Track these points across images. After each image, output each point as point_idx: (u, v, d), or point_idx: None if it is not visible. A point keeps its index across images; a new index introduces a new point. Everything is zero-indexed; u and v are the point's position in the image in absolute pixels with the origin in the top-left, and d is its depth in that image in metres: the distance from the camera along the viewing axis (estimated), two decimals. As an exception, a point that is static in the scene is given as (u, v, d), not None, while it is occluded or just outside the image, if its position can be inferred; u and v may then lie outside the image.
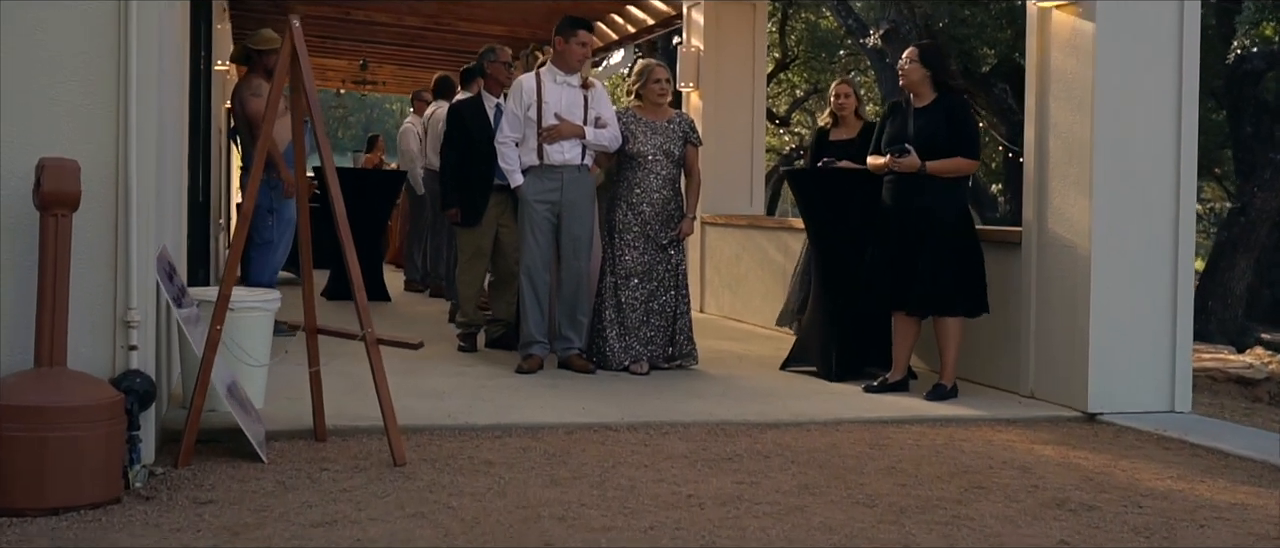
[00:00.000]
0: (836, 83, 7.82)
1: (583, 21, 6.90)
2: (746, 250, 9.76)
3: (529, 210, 6.74)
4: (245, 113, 7.88)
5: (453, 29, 14.83)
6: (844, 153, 7.50)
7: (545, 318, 6.88)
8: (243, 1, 14.68)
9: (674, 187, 6.99)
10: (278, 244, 8.00)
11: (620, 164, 7.00)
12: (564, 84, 6.78)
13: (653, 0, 12.00)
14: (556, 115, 6.71)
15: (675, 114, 7.07)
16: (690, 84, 10.57)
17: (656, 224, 6.91)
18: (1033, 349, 6.41)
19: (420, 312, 9.92)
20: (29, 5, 4.18)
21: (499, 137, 6.83)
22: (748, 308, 9.73)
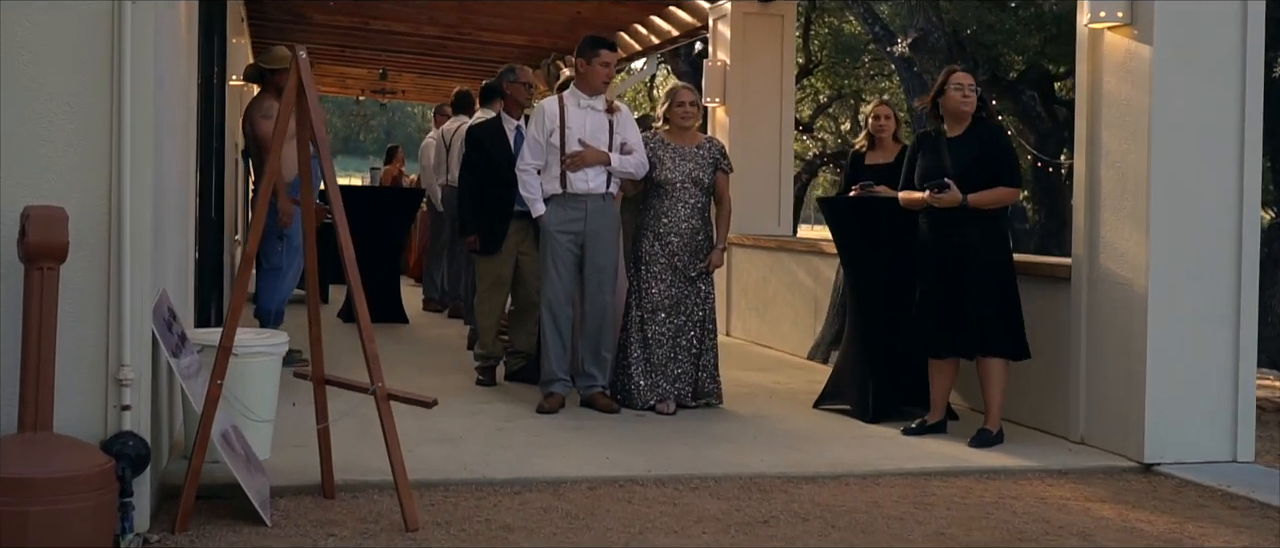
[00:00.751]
0: (875, 103, 7.47)
1: (605, 41, 6.57)
2: (774, 273, 9.41)
3: (551, 241, 6.42)
4: (255, 134, 7.58)
5: (473, 38, 14.54)
6: (882, 178, 7.15)
7: (567, 354, 6.56)
8: (262, 13, 14.42)
9: (703, 215, 6.66)
10: (287, 270, 7.71)
11: (646, 191, 6.68)
12: (588, 108, 6.45)
13: (677, 11, 11.67)
14: (580, 141, 6.38)
15: (705, 139, 6.74)
16: (716, 99, 10.23)
17: (685, 255, 6.58)
18: (1083, 392, 6.05)
19: (438, 336, 9.60)
20: (16, 42, 3.88)
21: (520, 163, 6.51)
22: (775, 334, 9.39)
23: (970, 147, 5.95)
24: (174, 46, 5.06)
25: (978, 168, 5.90)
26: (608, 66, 6.40)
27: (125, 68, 3.89)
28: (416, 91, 21.34)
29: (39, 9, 3.89)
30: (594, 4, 12.11)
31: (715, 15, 10.38)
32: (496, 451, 5.52)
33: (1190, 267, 5.69)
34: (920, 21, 15.93)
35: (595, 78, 6.40)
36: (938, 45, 15.90)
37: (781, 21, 10.18)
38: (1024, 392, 6.35)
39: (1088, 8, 5.87)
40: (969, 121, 6.01)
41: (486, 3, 12.39)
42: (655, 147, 6.59)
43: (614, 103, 6.53)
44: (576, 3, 12.08)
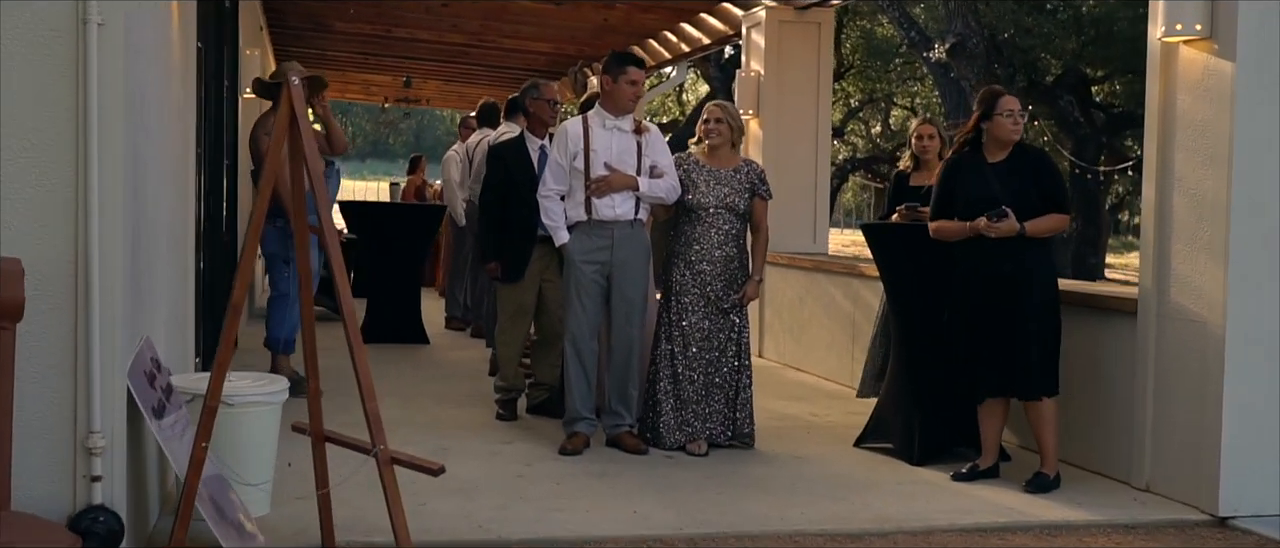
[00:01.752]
0: (919, 123, 6.96)
1: (633, 57, 6.10)
2: (810, 295, 8.92)
3: (575, 272, 5.95)
4: (260, 153, 7.15)
5: (497, 46, 14.12)
6: (927, 200, 6.66)
7: (592, 391, 6.09)
8: (282, 21, 14.04)
9: (738, 243, 6.18)
10: (295, 299, 7.26)
11: (678, 217, 6.20)
12: (614, 129, 5.98)
13: (709, 19, 11.19)
14: (606, 164, 5.91)
15: (742, 162, 6.25)
16: (749, 110, 9.73)
17: (718, 285, 6.10)
18: (1149, 436, 5.53)
19: (459, 360, 9.15)
20: (-30, 68, 3.45)
21: (542, 189, 6.04)
22: (810, 357, 8.89)
23: (1018, 172, 5.48)
24: (161, 65, 4.62)
25: (1029, 195, 5.42)
26: (636, 85, 5.93)
27: (91, 98, 3.44)
28: (442, 99, 20.95)
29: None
30: (622, 11, 11.65)
31: (749, 23, 9.88)
32: (514, 503, 5.06)
33: (1272, 303, 5.17)
34: (958, 26, 15.40)
35: (622, 97, 5.93)
36: (976, 51, 15.37)
37: (818, 30, 9.68)
38: (1082, 432, 5.85)
39: (1162, 19, 5.34)
40: (1011, 146, 5.54)
41: (511, 10, 11.94)
42: (688, 168, 6.12)
43: (642, 123, 6.06)
44: (604, 10, 11.62)
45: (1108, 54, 21.78)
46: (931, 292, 5.99)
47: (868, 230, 6.36)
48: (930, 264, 5.99)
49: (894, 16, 16.96)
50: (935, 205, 5.70)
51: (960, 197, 5.57)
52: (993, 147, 5.56)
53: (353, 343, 3.94)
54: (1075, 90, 22.46)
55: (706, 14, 11.16)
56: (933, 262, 5.97)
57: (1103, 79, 23.88)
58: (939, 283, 5.94)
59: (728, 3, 10.60)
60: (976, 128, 5.60)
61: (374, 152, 58.19)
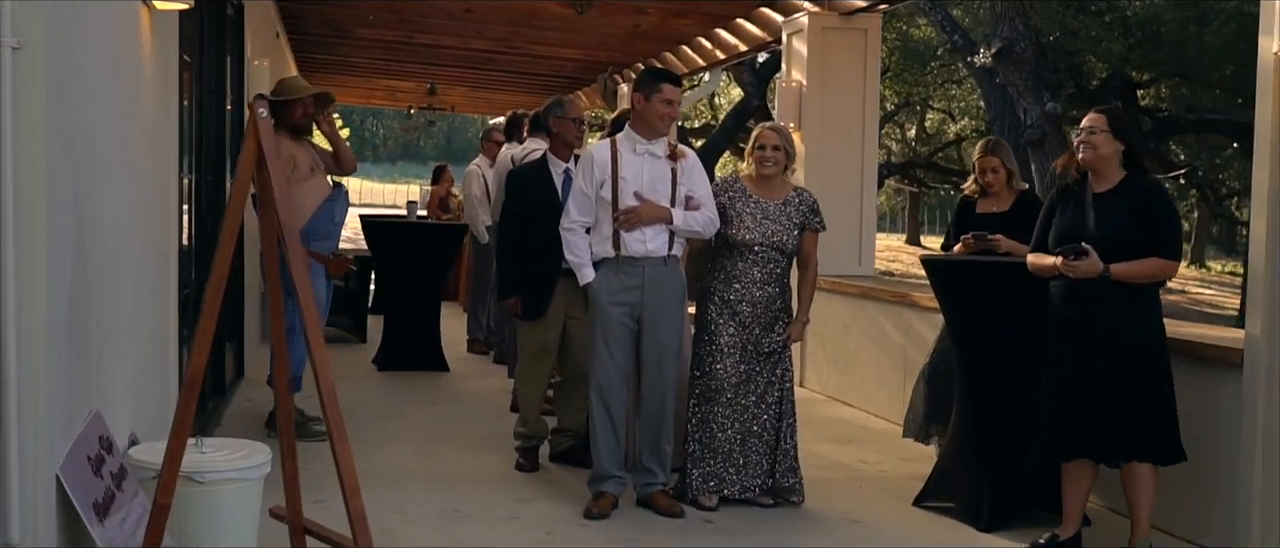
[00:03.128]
0: (981, 155, 6.19)
1: (668, 74, 5.40)
2: (857, 323, 8.19)
3: (602, 314, 5.26)
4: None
5: (524, 52, 13.46)
6: (995, 229, 5.95)
7: (621, 446, 5.40)
8: (302, 28, 13.43)
9: (782, 281, 5.48)
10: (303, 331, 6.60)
11: (715, 248, 5.50)
12: (646, 154, 5.28)
13: (746, 25, 10.47)
14: (636, 194, 5.22)
15: (793, 192, 5.53)
16: (790, 123, 9.01)
17: (759, 327, 5.39)
18: (1257, 501, 4.78)
19: (479, 391, 8.47)
20: None
21: (565, 221, 5.34)
22: (857, 390, 8.16)
23: (1120, 206, 4.74)
24: (122, 87, 3.97)
25: (1128, 233, 4.69)
26: (671, 106, 5.23)
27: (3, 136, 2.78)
28: (469, 105, 20.34)
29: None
30: (654, 16, 10.95)
31: (789, 29, 9.16)
32: (532, 587, 4.38)
33: None
34: (1005, 29, 14.59)
35: (655, 118, 5.23)
36: (1024, 55, 14.56)
37: (865, 37, 8.94)
38: (1175, 494, 5.12)
39: (1277, 30, 4.59)
40: (1122, 174, 4.80)
41: (538, 16, 11.27)
42: (733, 197, 5.42)
43: (677, 147, 5.36)
44: (635, 15, 10.93)
45: (1155, 57, 20.92)
46: (1003, 333, 5.28)
47: (930, 266, 5.62)
48: (1001, 302, 5.28)
49: (936, 19, 16.17)
50: (1035, 235, 5.01)
51: (1056, 229, 4.85)
52: (1098, 174, 4.83)
53: (333, 431, 3.24)
54: (1120, 95, 21.59)
55: (744, 20, 10.45)
56: (1004, 299, 5.27)
57: (1149, 83, 22.98)
58: (1012, 323, 5.23)
59: (767, 8, 9.89)
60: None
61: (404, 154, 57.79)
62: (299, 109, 6.66)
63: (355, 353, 9.92)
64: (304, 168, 6.60)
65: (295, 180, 6.52)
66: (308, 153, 6.70)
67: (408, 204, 9.47)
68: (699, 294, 5.50)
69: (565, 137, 6.12)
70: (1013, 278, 5.12)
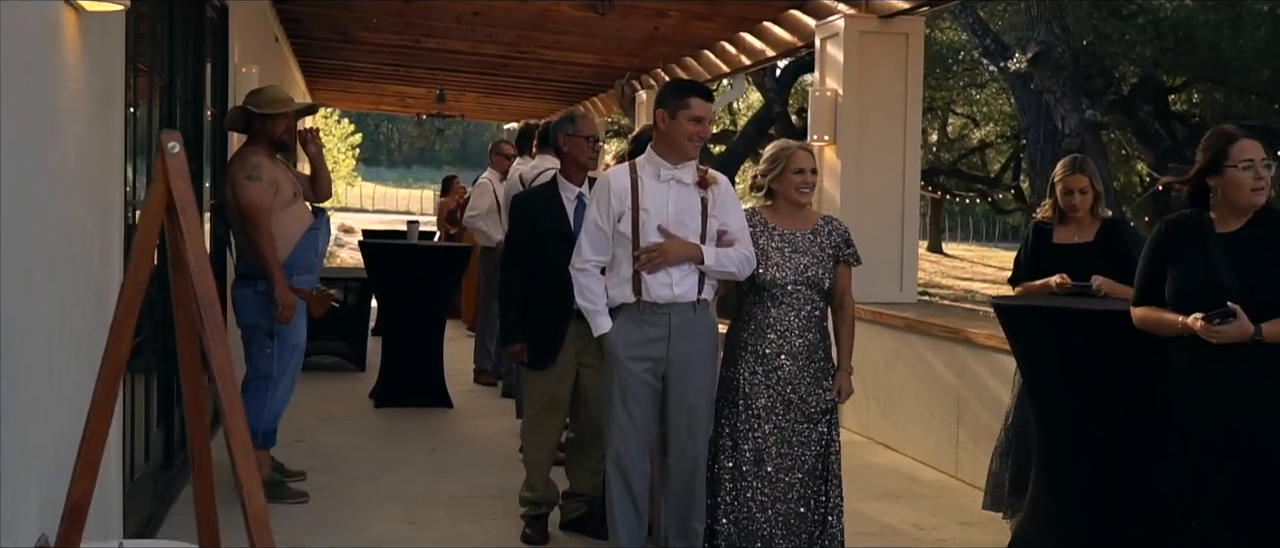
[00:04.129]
0: (1067, 172, 5.31)
1: (696, 86, 4.52)
2: (902, 359, 7.32)
3: (620, 371, 4.40)
4: (239, 203, 5.66)
5: (536, 57, 12.63)
6: (1078, 263, 5.10)
7: (642, 523, 4.54)
8: (303, 32, 12.63)
9: (821, 326, 4.60)
10: (279, 379, 5.78)
11: (743, 296, 4.63)
12: (672, 180, 4.41)
13: (773, 29, 9.62)
14: (660, 229, 4.36)
15: (821, 220, 4.66)
16: (824, 136, 8.16)
17: (801, 385, 4.51)
18: None
19: (485, 434, 7.62)
20: None
21: (576, 260, 4.49)
22: (902, 433, 7.29)
23: (1258, 248, 3.84)
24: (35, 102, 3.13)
25: (1274, 280, 3.79)
26: (701, 124, 4.36)
27: None
28: (481, 111, 19.54)
29: None
30: (675, 19, 10.11)
31: (823, 33, 8.30)
32: None
33: None
34: (1041, 33, 13.72)
35: (682, 139, 4.37)
36: (1062, 60, 13.68)
37: (906, 42, 8.08)
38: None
39: None
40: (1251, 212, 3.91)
41: (551, 19, 10.44)
42: (755, 231, 4.55)
43: (708, 172, 4.49)
44: (655, 18, 10.09)
45: (1189, 61, 20.00)
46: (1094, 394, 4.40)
47: (1005, 313, 4.73)
48: (1093, 356, 4.41)
49: (966, 22, 15.29)
50: (1140, 285, 4.06)
51: (1175, 277, 3.95)
52: (1224, 212, 3.94)
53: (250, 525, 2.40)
54: (1153, 100, 20.68)
55: (772, 23, 9.59)
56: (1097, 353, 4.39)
57: (1180, 88, 22.05)
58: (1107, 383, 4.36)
59: (798, 10, 9.04)
60: (1200, 183, 3.98)
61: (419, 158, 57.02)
62: (282, 124, 5.83)
63: (351, 384, 9.09)
64: (287, 192, 5.78)
65: (278, 206, 5.70)
66: (289, 175, 5.87)
67: (408, 224, 8.62)
68: (726, 351, 4.63)
69: (577, 157, 5.26)
70: (1111, 328, 4.26)
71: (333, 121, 26.84)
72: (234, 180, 5.68)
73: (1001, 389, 6.25)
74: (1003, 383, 6.25)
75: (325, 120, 26.66)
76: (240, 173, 5.66)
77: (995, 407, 6.30)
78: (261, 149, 5.78)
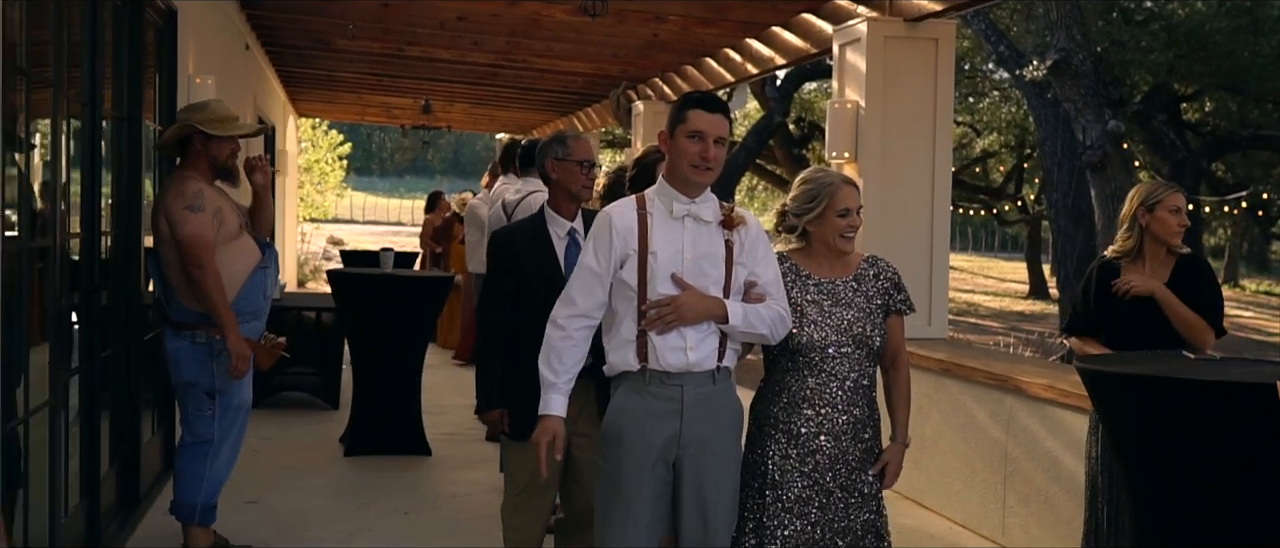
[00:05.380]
0: (1165, 190, 4.49)
1: (699, 96, 3.60)
2: (938, 406, 6.45)
3: (621, 456, 3.51)
4: (177, 238, 4.77)
5: (527, 66, 11.75)
6: (1152, 311, 4.27)
7: (650, 641, 3.65)
8: (277, 39, 11.75)
9: (870, 397, 3.72)
10: (220, 444, 4.90)
11: (772, 359, 3.74)
12: (687, 218, 3.53)
13: (784, 34, 8.75)
14: (674, 278, 3.48)
15: (865, 261, 3.78)
16: (844, 153, 7.29)
17: (844, 470, 3.63)
18: None
19: (467, 489, 6.73)
20: None
21: (560, 311, 3.56)
22: (938, 491, 6.41)
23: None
24: None
25: None
26: (701, 140, 3.45)
27: None
28: (470, 122, 18.63)
29: None
30: (675, 24, 9.23)
31: (842, 39, 7.42)
32: None
33: None
34: (1061, 39, 12.85)
35: (681, 162, 3.47)
36: (1082, 68, 12.81)
37: (936, 48, 7.21)
38: None
39: None
40: None
41: (542, 25, 9.57)
42: (785, 281, 3.66)
43: (735, 211, 3.60)
44: (653, 23, 9.21)
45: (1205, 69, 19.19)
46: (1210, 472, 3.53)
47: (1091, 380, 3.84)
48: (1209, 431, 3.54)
49: (979, 28, 14.43)
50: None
51: None
52: None
53: None
54: (1167, 109, 19.87)
55: (782, 28, 8.72)
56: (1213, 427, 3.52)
57: (1192, 97, 21.23)
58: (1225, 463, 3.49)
59: (811, 14, 8.17)
60: None
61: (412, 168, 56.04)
62: (227, 147, 4.95)
63: (321, 426, 8.19)
64: (232, 224, 4.89)
65: (222, 240, 4.82)
66: (233, 205, 4.99)
67: (381, 252, 7.71)
68: (752, 428, 3.74)
69: (568, 186, 4.35)
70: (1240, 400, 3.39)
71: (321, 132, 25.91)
72: (171, 212, 4.79)
73: (1060, 449, 5.38)
74: (1061, 442, 5.39)
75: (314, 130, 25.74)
76: (178, 203, 4.77)
77: (1052, 469, 5.44)
78: (201, 174, 4.90)
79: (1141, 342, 4.35)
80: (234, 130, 4.90)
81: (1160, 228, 4.46)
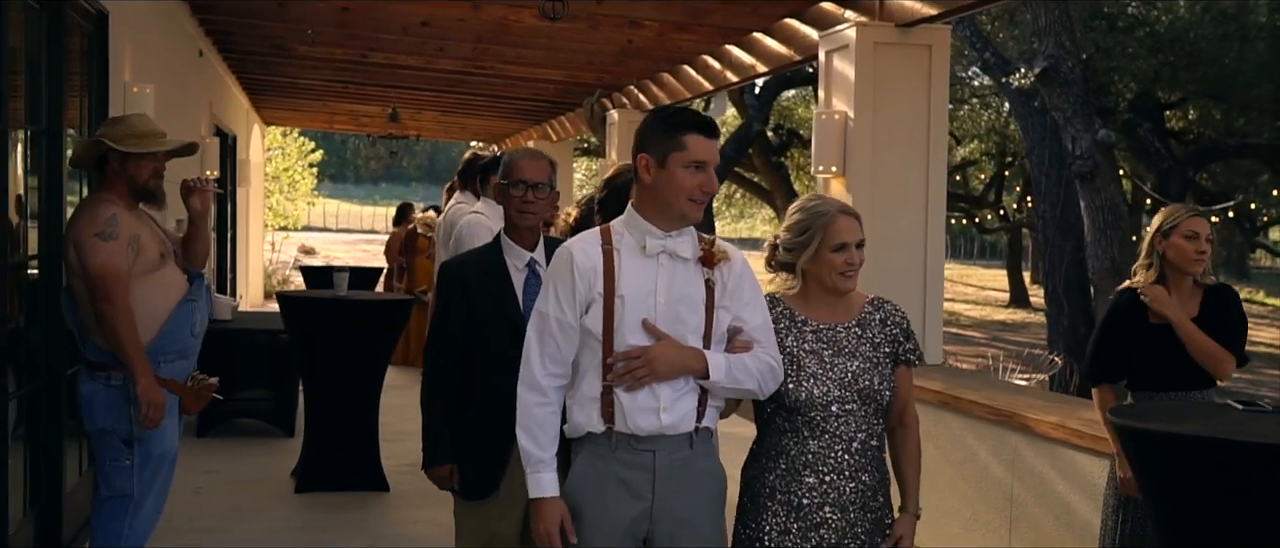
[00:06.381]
0: (1186, 214, 4.02)
1: (692, 117, 3.04)
2: (934, 440, 5.93)
3: (583, 530, 2.97)
4: (87, 269, 4.22)
5: (497, 73, 11.23)
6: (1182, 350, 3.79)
7: None
8: (235, 45, 11.20)
9: (879, 461, 3.18)
10: (142, 499, 4.35)
11: (765, 418, 3.20)
12: (662, 254, 2.99)
13: (766, 41, 8.26)
14: (646, 325, 2.94)
15: (869, 304, 3.24)
16: (831, 167, 6.80)
17: (853, 543, 3.09)
18: None
19: (423, 528, 6.20)
20: None
21: (525, 375, 3.02)
22: (935, 530, 5.89)
23: None
24: None
25: None
26: (704, 171, 2.96)
27: None
28: (441, 130, 18.10)
29: None
30: (651, 30, 8.74)
31: (829, 46, 6.92)
32: None
33: None
34: (1050, 47, 12.41)
35: (677, 195, 2.95)
36: (1072, 76, 12.38)
37: (929, 55, 6.72)
38: None
39: None
40: None
41: (511, 31, 9.06)
42: (779, 328, 3.13)
43: (717, 245, 3.05)
44: (629, 29, 8.71)
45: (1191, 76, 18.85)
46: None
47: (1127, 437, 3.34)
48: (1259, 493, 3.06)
49: (965, 36, 13.99)
50: None
51: None
52: None
53: None
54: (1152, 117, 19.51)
55: (764, 34, 8.23)
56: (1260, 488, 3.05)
57: (1176, 104, 20.89)
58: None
59: (795, 19, 7.68)
60: None
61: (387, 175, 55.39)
62: (148, 167, 4.40)
63: (273, 457, 7.63)
64: (152, 254, 4.34)
65: (139, 272, 4.27)
66: (154, 232, 4.44)
67: (335, 274, 7.13)
68: (744, 497, 3.20)
69: (507, 210, 3.80)
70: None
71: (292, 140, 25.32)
72: (79, 240, 4.23)
73: (1073, 493, 4.90)
74: (1073, 485, 4.90)
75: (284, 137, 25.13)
76: (88, 230, 4.22)
77: (1064, 516, 4.95)
78: (118, 198, 4.34)
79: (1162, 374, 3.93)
80: (154, 147, 4.35)
81: (1176, 255, 4.00)
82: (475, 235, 5.14)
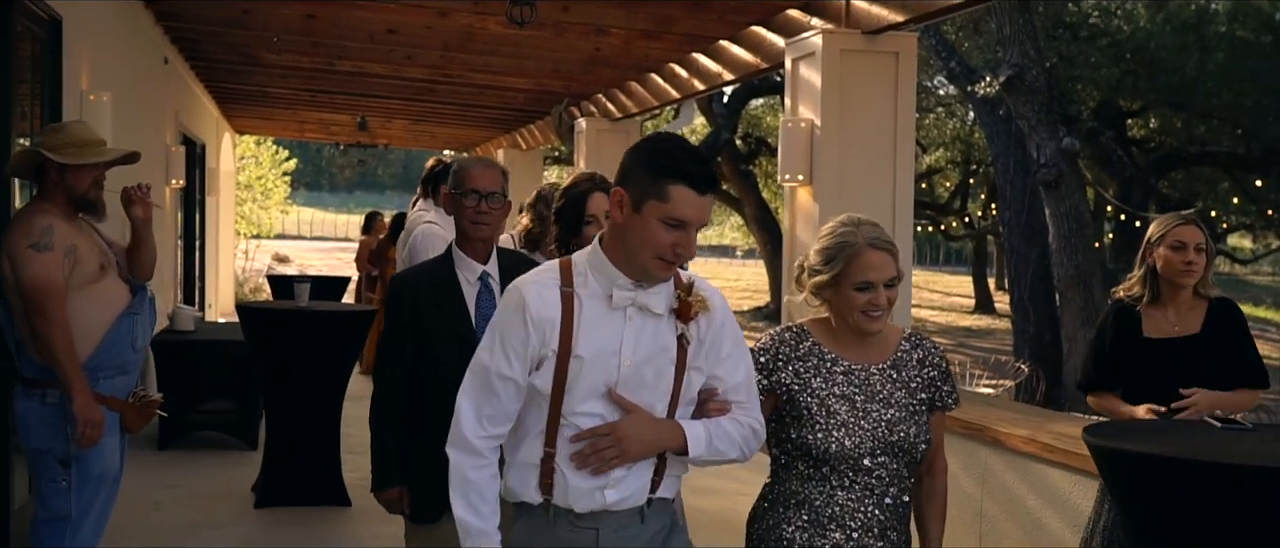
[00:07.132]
0: (1176, 222, 3.84)
1: (688, 162, 2.46)
2: (902, 453, 5.76)
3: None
4: (19, 280, 3.98)
5: (465, 81, 11.00)
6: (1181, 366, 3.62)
7: None
8: (201, 53, 10.92)
9: (906, 515, 2.91)
10: (80, 522, 4.10)
11: (784, 463, 2.90)
12: (632, 307, 2.55)
13: (732, 48, 8.07)
14: (612, 394, 2.55)
15: (904, 341, 2.92)
16: (798, 175, 6.62)
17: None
18: None
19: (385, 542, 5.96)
20: None
21: (456, 432, 2.63)
22: (904, 544, 5.72)
23: None
24: None
25: None
26: (685, 230, 2.46)
27: None
28: (411, 138, 17.84)
29: None
30: (618, 38, 8.55)
31: (795, 53, 6.74)
32: None
33: None
34: (1015, 55, 12.28)
35: (646, 252, 2.48)
36: (1036, 84, 12.26)
37: (896, 62, 6.54)
38: None
39: None
40: None
41: (478, 39, 8.84)
42: (806, 369, 2.84)
43: (694, 293, 2.60)
44: (595, 37, 8.51)
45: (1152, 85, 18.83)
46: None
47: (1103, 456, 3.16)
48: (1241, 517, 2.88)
49: (930, 44, 13.86)
50: None
51: None
52: None
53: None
54: (1114, 125, 19.48)
55: (730, 42, 8.04)
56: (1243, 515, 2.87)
57: (1138, 112, 20.88)
58: None
59: (761, 26, 7.49)
60: None
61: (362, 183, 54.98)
62: (86, 177, 4.15)
63: (235, 470, 7.35)
64: (90, 266, 4.10)
65: (77, 284, 4.03)
66: (95, 242, 4.20)
67: (296, 283, 6.86)
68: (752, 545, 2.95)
69: (460, 224, 3.57)
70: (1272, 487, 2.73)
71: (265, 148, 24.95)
72: (13, 251, 3.99)
73: (1043, 508, 4.72)
74: (1044, 500, 4.72)
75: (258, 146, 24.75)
76: (22, 241, 3.98)
77: (1034, 531, 4.78)
78: (55, 208, 4.10)
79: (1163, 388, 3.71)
80: (92, 157, 4.11)
81: (1164, 266, 3.82)
82: (429, 246, 4.93)
